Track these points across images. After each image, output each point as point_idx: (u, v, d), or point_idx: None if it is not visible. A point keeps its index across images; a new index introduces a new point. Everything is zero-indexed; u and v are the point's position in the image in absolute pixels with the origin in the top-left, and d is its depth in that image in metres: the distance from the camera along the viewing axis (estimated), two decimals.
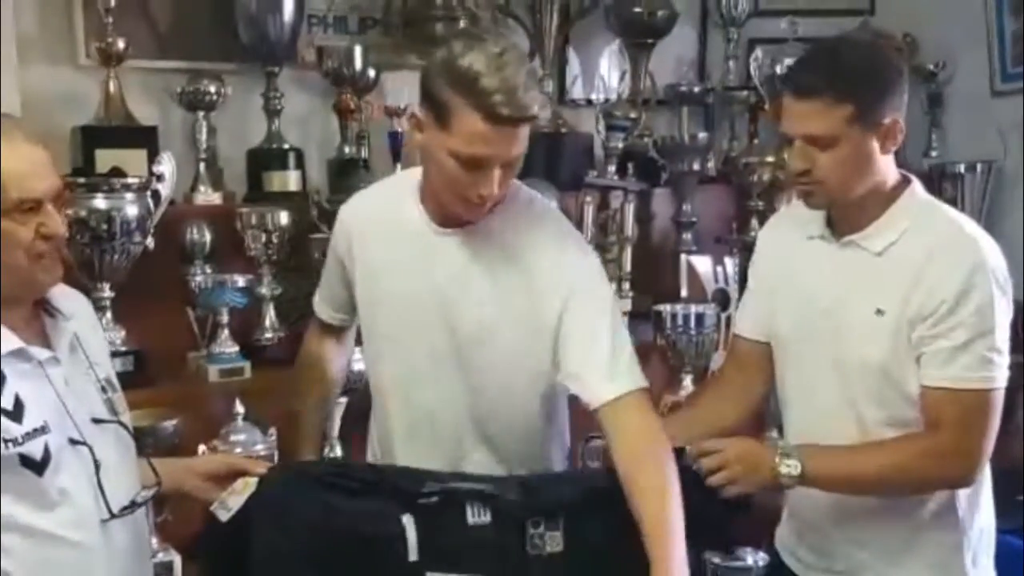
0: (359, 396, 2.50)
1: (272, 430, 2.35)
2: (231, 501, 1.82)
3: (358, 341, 2.26)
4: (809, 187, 1.92)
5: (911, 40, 4.14)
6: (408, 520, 1.83)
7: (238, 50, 3.34)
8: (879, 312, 1.88)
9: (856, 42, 2.30)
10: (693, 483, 1.84)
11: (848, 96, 1.83)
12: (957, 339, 1.82)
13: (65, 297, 1.77)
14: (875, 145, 1.86)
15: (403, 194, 2.01)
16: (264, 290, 2.95)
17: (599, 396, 1.84)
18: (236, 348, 2.86)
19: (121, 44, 3.06)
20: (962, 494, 1.95)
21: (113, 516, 1.70)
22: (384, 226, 2.02)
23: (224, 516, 1.82)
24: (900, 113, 1.88)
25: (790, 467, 1.85)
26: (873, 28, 4.14)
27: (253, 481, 1.83)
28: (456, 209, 1.86)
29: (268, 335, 2.94)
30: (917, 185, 1.97)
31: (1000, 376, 1.83)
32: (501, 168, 1.79)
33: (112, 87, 3.09)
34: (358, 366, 2.60)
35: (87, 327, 1.80)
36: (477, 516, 1.85)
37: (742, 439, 1.92)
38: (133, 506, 1.75)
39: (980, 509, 1.99)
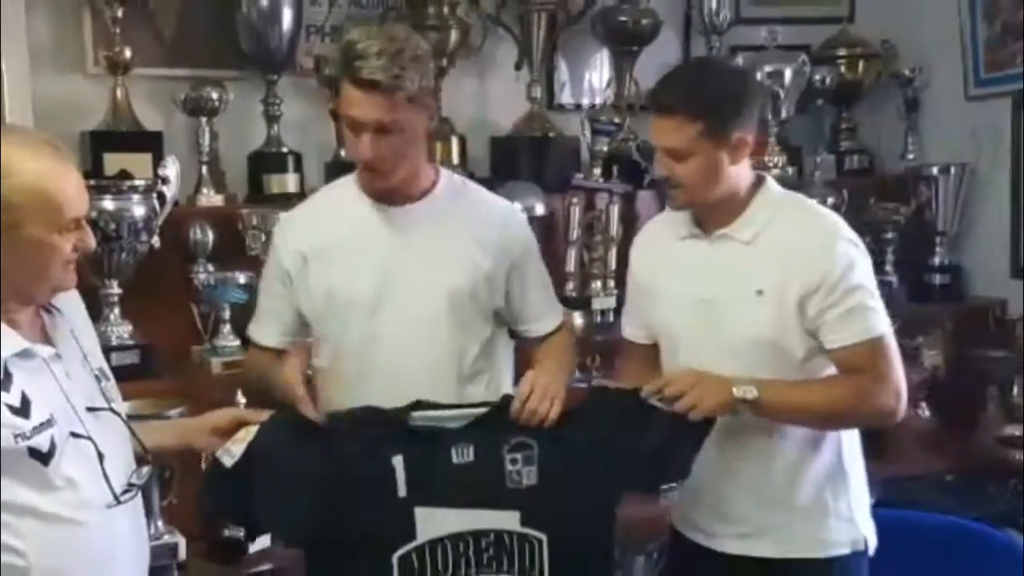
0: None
1: None
2: (234, 448, 1.94)
3: None
4: (670, 191, 2.16)
5: (889, 46, 4.25)
6: (398, 460, 1.99)
7: (239, 58, 3.35)
8: (759, 292, 2.09)
9: (717, 66, 2.70)
10: (653, 418, 2.02)
11: (699, 115, 2.05)
12: (847, 303, 2.07)
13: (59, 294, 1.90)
14: (724, 157, 2.09)
15: (341, 189, 2.28)
16: None
17: (547, 328, 2.28)
18: (237, 342, 2.93)
19: (128, 53, 3.10)
20: (845, 447, 2.19)
21: (119, 502, 1.81)
22: (330, 222, 2.23)
23: (228, 462, 1.94)
24: (749, 131, 2.12)
25: (745, 391, 2.02)
26: (852, 35, 4.25)
27: (254, 429, 1.95)
28: (365, 179, 2.14)
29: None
30: (771, 181, 2.21)
31: (885, 321, 2.12)
32: (374, 133, 2.04)
33: (119, 94, 3.14)
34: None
35: (80, 321, 1.93)
36: (461, 456, 2.01)
37: (692, 369, 2.07)
38: (132, 488, 1.85)
39: (856, 461, 2.22)
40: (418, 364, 2.15)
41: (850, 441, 2.22)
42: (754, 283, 2.12)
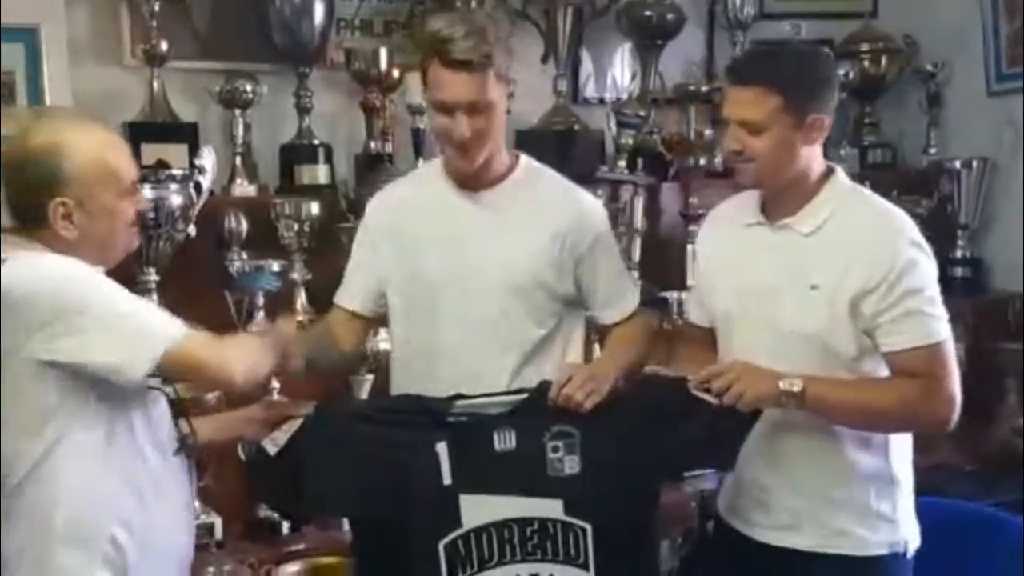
0: (383, 376, 2.66)
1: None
2: (279, 437, 2.01)
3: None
4: (740, 166, 2.12)
5: (911, 41, 4.27)
6: (441, 448, 2.02)
7: (272, 52, 3.38)
8: (813, 287, 2.06)
9: (800, 47, 2.63)
10: (698, 408, 2.01)
11: (779, 88, 2.04)
12: (904, 306, 2.03)
13: None
14: (799, 137, 2.07)
15: (428, 174, 2.33)
16: (296, 275, 3.07)
17: (616, 316, 2.31)
18: None
19: (164, 46, 3.14)
20: (894, 449, 2.14)
21: (181, 450, 1.99)
22: (413, 203, 2.28)
23: (272, 450, 2.01)
24: (826, 114, 2.11)
25: (792, 384, 1.99)
26: (875, 30, 4.27)
27: (298, 420, 2.02)
28: (454, 160, 2.17)
29: (299, 317, 3.01)
30: (840, 174, 2.18)
31: (944, 328, 2.06)
32: (467, 114, 2.09)
33: (156, 86, 3.18)
34: (383, 345, 2.80)
35: None
36: (504, 443, 2.04)
37: (738, 360, 2.06)
38: (183, 447, 2.02)
39: (905, 463, 2.18)
40: (484, 346, 2.20)
41: (901, 444, 2.19)
42: (809, 277, 2.09)
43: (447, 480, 2.03)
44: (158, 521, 1.97)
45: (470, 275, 2.21)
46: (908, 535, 2.20)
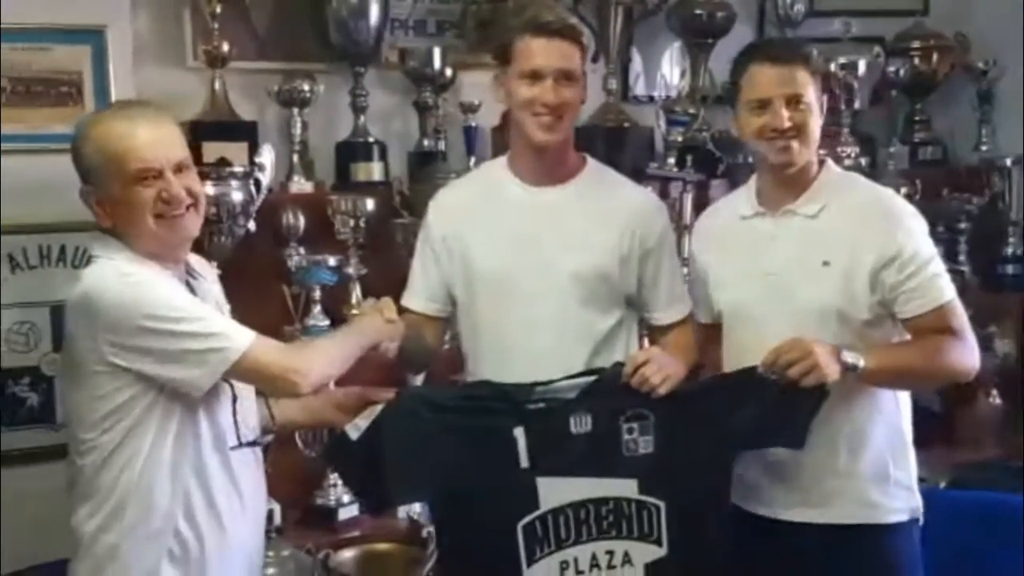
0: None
1: None
2: (361, 423, 2.07)
3: None
4: (780, 144, 2.18)
5: (963, 39, 4.26)
6: (519, 432, 2.08)
7: (329, 52, 3.40)
8: (825, 263, 2.17)
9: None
10: (766, 388, 2.07)
11: (810, 64, 2.19)
12: (923, 275, 2.15)
13: (198, 262, 2.08)
14: (819, 114, 2.21)
15: (493, 171, 2.38)
16: (352, 270, 3.11)
17: (672, 318, 2.34)
18: (327, 322, 3.03)
19: (225, 47, 3.17)
20: (904, 416, 2.27)
21: (241, 444, 2.00)
22: (478, 200, 2.33)
23: (354, 435, 2.07)
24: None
25: (855, 357, 2.08)
26: (926, 27, 4.26)
27: (379, 407, 2.08)
28: (533, 133, 2.21)
29: (355, 311, 3.03)
30: (831, 161, 2.30)
31: (950, 284, 2.20)
32: (554, 80, 2.17)
33: (217, 86, 3.20)
34: None
35: (216, 286, 2.12)
36: (579, 426, 2.10)
37: (800, 338, 2.10)
38: (254, 443, 2.05)
39: (910, 431, 2.30)
40: (549, 342, 2.24)
41: (907, 411, 2.29)
42: (820, 254, 2.20)
43: (524, 463, 2.10)
44: (225, 515, 2.03)
45: (540, 269, 2.26)
46: (919, 501, 2.29)
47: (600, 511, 2.12)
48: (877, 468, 2.24)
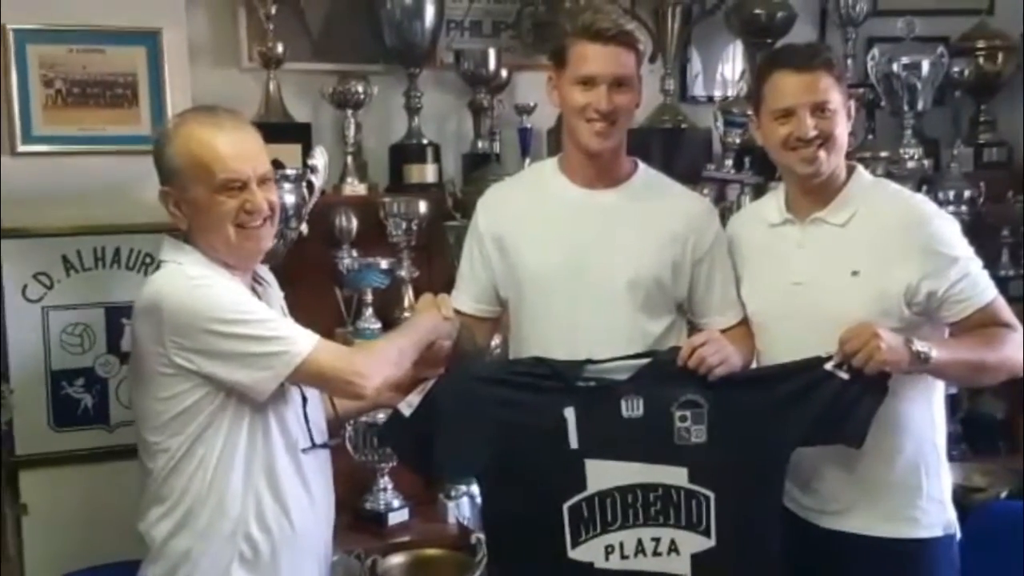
0: None
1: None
2: (413, 400, 2.09)
3: None
4: (808, 154, 2.14)
5: None
6: (569, 412, 2.08)
7: (383, 53, 3.41)
8: (854, 273, 2.12)
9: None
10: (827, 381, 2.06)
11: (837, 73, 2.14)
12: (963, 276, 2.11)
13: (263, 269, 2.11)
14: (847, 118, 2.17)
15: (544, 170, 2.37)
16: (404, 272, 3.12)
17: (726, 323, 2.29)
18: (379, 324, 3.04)
19: (280, 49, 3.20)
20: (938, 429, 2.23)
21: (314, 446, 2.03)
22: (528, 202, 2.31)
23: (407, 412, 2.10)
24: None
25: (927, 347, 2.05)
26: (991, 27, 4.17)
27: (431, 383, 2.10)
28: (586, 139, 2.21)
29: (407, 313, 3.04)
30: (861, 168, 2.24)
31: (989, 279, 2.16)
32: (608, 87, 2.15)
33: (271, 88, 3.24)
34: None
35: (278, 292, 2.13)
36: (631, 410, 2.09)
37: (869, 323, 2.07)
38: (325, 445, 2.08)
39: (944, 444, 2.26)
40: (599, 345, 2.22)
41: (941, 424, 2.24)
42: (849, 264, 2.15)
43: (574, 444, 2.09)
44: (296, 518, 2.04)
45: (591, 273, 2.24)
46: (953, 516, 2.24)
47: (648, 497, 2.12)
48: (909, 480, 2.20)
